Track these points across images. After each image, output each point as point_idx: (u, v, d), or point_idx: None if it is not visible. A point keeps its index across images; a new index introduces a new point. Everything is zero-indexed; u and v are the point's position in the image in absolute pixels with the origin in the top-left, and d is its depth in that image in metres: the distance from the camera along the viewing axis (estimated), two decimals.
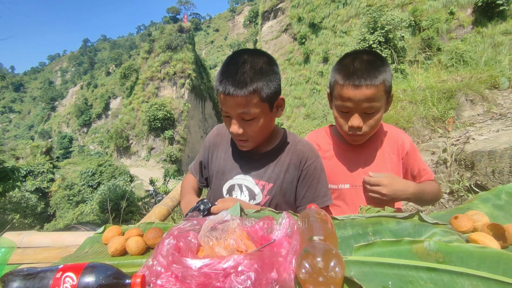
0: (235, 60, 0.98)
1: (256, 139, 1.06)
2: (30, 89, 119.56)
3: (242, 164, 1.15)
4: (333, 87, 1.12)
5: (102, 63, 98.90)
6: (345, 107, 1.09)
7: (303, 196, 1.12)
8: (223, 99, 0.96)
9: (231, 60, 0.99)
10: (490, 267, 0.53)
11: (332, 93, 1.15)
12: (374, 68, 1.05)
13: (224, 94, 0.95)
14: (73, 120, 77.01)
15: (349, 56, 1.13)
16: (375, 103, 1.05)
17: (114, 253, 0.73)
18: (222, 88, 0.95)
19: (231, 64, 0.98)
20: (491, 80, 2.63)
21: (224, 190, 1.16)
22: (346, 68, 1.08)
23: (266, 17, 33.10)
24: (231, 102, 0.95)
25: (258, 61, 0.98)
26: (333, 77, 1.13)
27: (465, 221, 0.69)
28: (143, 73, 41.58)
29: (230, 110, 0.97)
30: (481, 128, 2.04)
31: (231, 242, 0.63)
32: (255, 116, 0.98)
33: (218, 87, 0.97)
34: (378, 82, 1.03)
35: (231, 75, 0.95)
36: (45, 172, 23.36)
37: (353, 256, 0.61)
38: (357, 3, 24.39)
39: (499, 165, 1.40)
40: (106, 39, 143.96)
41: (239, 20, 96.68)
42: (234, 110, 0.96)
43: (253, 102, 0.95)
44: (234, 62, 0.98)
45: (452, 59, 5.03)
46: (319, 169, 1.13)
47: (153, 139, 37.63)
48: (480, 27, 17.45)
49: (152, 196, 19.39)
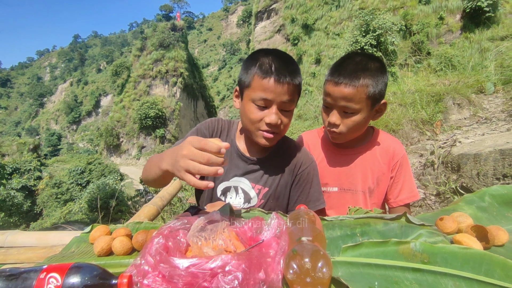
0: (283, 55, 1.02)
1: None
2: (18, 85, 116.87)
3: (240, 166, 1.14)
4: (324, 84, 1.15)
5: (93, 59, 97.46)
6: (326, 102, 1.13)
7: (295, 200, 1.13)
8: (271, 85, 0.95)
9: (279, 55, 1.01)
10: (473, 268, 0.54)
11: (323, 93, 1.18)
12: (360, 70, 1.06)
13: (278, 81, 0.95)
14: (62, 117, 75.64)
15: (347, 55, 1.15)
16: (353, 104, 1.06)
17: (100, 253, 0.72)
18: (274, 75, 0.95)
19: (281, 59, 0.99)
20: (477, 85, 2.70)
21: (218, 190, 1.14)
22: (335, 65, 1.11)
23: (259, 17, 33.11)
24: (282, 89, 0.95)
25: (371, 63, 1.06)
26: (325, 78, 1.15)
27: (450, 222, 0.70)
28: (134, 70, 41.12)
29: (275, 96, 0.96)
30: (468, 132, 2.08)
31: (219, 242, 0.63)
32: (291, 109, 1.02)
33: (264, 73, 0.96)
34: (357, 84, 1.04)
35: (282, 67, 0.97)
36: (32, 170, 22.87)
37: (341, 256, 0.62)
38: (350, 6, 24.61)
39: (484, 168, 1.43)
40: (97, 36, 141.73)
41: (232, 19, 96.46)
42: (282, 97, 0.97)
43: (296, 93, 1.00)
44: (284, 56, 1.01)
45: (441, 63, 5.12)
46: (312, 174, 1.14)
47: (144, 138, 37.25)
48: (468, 32, 17.82)
49: (142, 195, 19.19)
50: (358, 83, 1.04)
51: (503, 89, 2.60)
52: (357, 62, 1.09)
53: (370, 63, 1.09)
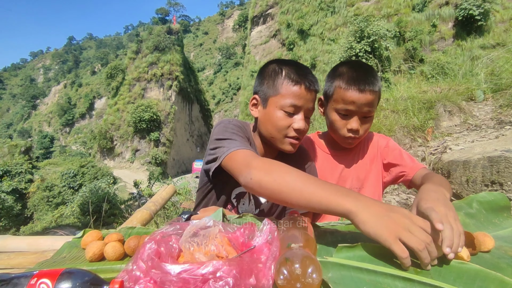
0: (301, 65, 1.06)
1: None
2: (10, 86, 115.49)
3: None
4: (333, 92, 1.17)
5: (88, 62, 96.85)
6: (347, 110, 1.14)
7: None
8: (302, 92, 0.99)
9: (296, 64, 1.05)
10: (466, 283, 0.53)
11: (330, 98, 1.19)
12: (373, 76, 1.14)
13: (307, 88, 1.00)
14: (55, 119, 74.85)
15: (345, 64, 1.21)
16: (373, 108, 1.15)
17: (92, 258, 0.71)
18: (303, 82, 1.00)
19: (301, 67, 1.05)
20: (467, 93, 2.75)
21: (233, 195, 1.14)
22: (349, 74, 1.14)
23: (255, 22, 33.32)
24: (309, 96, 1.01)
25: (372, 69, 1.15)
26: (332, 82, 1.18)
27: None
28: (129, 73, 40.93)
29: (304, 103, 1.01)
30: (458, 138, 2.12)
31: (212, 248, 0.63)
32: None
33: (295, 81, 1.00)
34: (377, 89, 1.12)
35: (309, 74, 1.03)
36: (23, 173, 22.49)
37: (334, 257, 0.62)
38: (345, 12, 24.92)
39: (473, 174, 1.46)
40: (92, 38, 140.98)
41: (228, 24, 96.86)
42: (309, 104, 1.02)
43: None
44: (302, 66, 1.06)
45: (433, 70, 5.20)
46: (313, 172, 1.19)
47: (138, 141, 36.99)
48: (460, 40, 18.16)
49: (135, 199, 18.99)
50: (377, 88, 1.12)
51: (492, 97, 2.66)
52: (368, 69, 1.18)
53: (371, 68, 1.21)
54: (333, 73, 1.21)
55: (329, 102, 1.20)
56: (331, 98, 1.18)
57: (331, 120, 1.20)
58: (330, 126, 1.23)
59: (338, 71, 1.18)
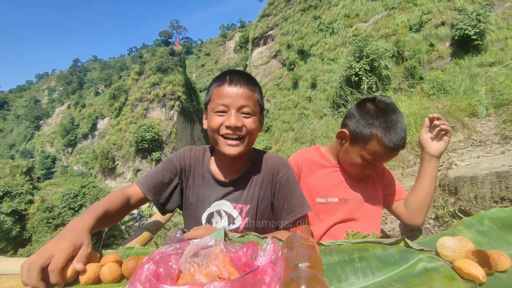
0: (235, 70, 1.09)
1: (250, 141, 1.06)
2: (15, 107, 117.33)
3: (218, 190, 1.13)
4: (367, 140, 1.16)
5: (92, 83, 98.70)
6: (374, 160, 1.20)
7: (281, 209, 1.11)
8: (226, 90, 1.01)
9: (230, 70, 1.08)
10: None
11: (361, 143, 1.19)
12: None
13: (230, 84, 1.01)
14: (57, 139, 75.38)
15: (386, 112, 1.18)
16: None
17: (87, 282, 0.68)
18: (227, 80, 1.02)
19: (232, 70, 1.07)
20: (469, 108, 2.75)
21: (203, 219, 1.13)
22: (386, 124, 1.14)
23: (256, 43, 34.15)
24: (237, 92, 1.01)
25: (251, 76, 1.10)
26: (367, 129, 1.16)
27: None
28: (132, 94, 41.60)
29: (231, 100, 1.00)
30: (463, 154, 2.10)
31: (213, 269, 0.60)
32: (253, 114, 1.03)
33: (220, 80, 1.04)
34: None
35: (235, 73, 1.04)
36: (23, 193, 22.38)
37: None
38: (344, 33, 25.55)
39: (481, 190, 1.42)
40: (97, 60, 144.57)
41: (229, 45, 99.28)
42: (238, 100, 1.00)
43: (254, 99, 1.04)
44: (234, 70, 1.08)
45: (433, 87, 5.25)
46: (291, 179, 1.13)
47: (139, 161, 37.02)
48: (458, 59, 18.49)
49: (136, 220, 18.76)
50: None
51: (495, 113, 2.65)
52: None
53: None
54: (366, 121, 1.18)
55: (358, 145, 1.20)
56: (362, 143, 1.18)
57: (354, 161, 1.24)
58: (350, 163, 1.27)
59: (371, 119, 1.17)
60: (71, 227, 0.78)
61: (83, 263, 0.69)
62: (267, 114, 27.97)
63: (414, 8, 22.01)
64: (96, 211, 0.90)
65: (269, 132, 27.01)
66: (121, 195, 1.06)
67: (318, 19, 27.95)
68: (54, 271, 0.65)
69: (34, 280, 0.64)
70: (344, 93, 4.71)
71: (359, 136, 1.18)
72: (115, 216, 1.01)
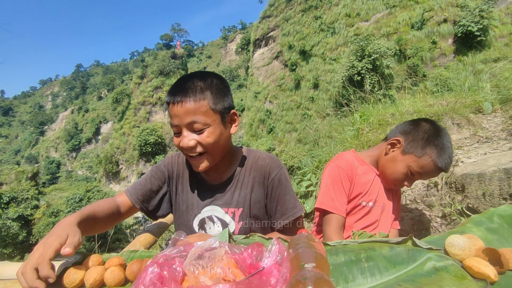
0: (185, 77, 1.00)
1: (213, 153, 0.99)
2: (19, 113, 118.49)
3: (208, 195, 1.11)
4: (422, 154, 1.19)
5: (94, 87, 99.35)
6: (419, 178, 1.26)
7: (275, 211, 1.09)
8: (172, 110, 0.94)
9: (181, 78, 1.01)
10: None
11: (414, 156, 1.21)
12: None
13: (173, 103, 0.93)
14: (62, 144, 76.00)
15: (441, 135, 1.21)
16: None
17: (92, 286, 0.67)
18: (170, 98, 0.94)
19: (180, 80, 0.99)
20: (475, 105, 2.72)
21: (195, 226, 1.11)
22: (442, 146, 1.18)
23: (257, 44, 34.18)
24: (180, 111, 0.92)
25: (207, 76, 0.99)
26: (425, 144, 1.20)
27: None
28: (135, 98, 41.87)
29: (179, 120, 0.93)
30: (469, 151, 2.07)
31: (218, 271, 0.59)
32: (206, 126, 0.94)
33: (167, 99, 0.96)
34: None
35: (180, 86, 0.95)
36: (29, 199, 22.55)
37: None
38: (345, 33, 25.47)
39: (489, 187, 1.40)
40: (99, 64, 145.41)
41: (231, 47, 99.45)
42: (183, 119, 0.93)
43: (202, 110, 0.93)
44: (183, 78, 0.99)
45: (437, 85, 5.21)
46: (283, 180, 1.09)
47: (143, 164, 37.20)
48: (461, 55, 18.34)
49: (141, 223, 18.81)
50: None
51: (501, 109, 2.62)
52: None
53: None
54: (430, 140, 1.20)
55: (410, 157, 1.22)
56: (416, 156, 1.21)
57: (399, 170, 1.25)
58: (393, 171, 1.28)
59: (437, 140, 1.19)
60: (57, 225, 0.78)
61: (71, 248, 0.69)
62: (269, 115, 27.96)
63: (415, 5, 21.89)
64: (82, 211, 0.90)
65: (272, 133, 26.99)
66: (111, 201, 1.07)
67: (319, 19, 27.90)
68: (41, 264, 0.65)
69: (31, 281, 0.64)
70: (347, 92, 4.68)
71: (414, 148, 1.21)
72: (104, 220, 1.00)
